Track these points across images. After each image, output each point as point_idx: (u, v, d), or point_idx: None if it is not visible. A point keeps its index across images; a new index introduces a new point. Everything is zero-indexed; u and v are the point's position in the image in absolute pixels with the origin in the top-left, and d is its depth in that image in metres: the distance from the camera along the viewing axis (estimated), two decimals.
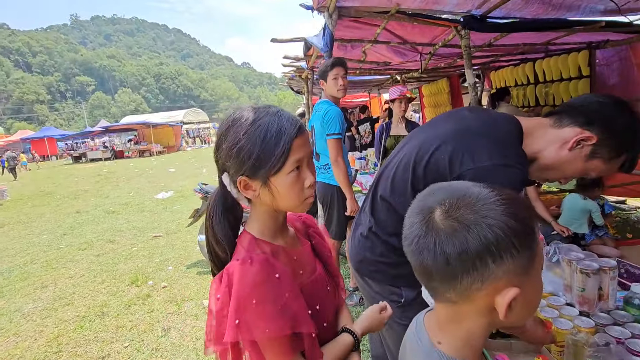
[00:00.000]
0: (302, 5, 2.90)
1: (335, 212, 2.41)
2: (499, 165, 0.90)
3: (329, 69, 2.19)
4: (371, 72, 5.71)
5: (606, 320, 1.11)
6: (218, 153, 0.72)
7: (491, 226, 0.45)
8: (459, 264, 0.46)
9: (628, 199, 4.31)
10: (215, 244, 0.75)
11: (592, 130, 0.91)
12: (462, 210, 0.47)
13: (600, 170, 0.94)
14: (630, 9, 2.93)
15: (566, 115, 0.95)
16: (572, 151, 0.93)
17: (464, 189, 0.51)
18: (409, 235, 0.52)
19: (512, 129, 0.99)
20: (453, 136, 1.00)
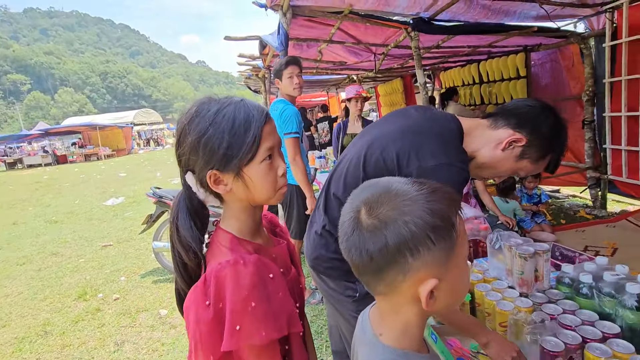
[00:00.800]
0: (255, 3, 2.87)
1: (295, 211, 2.41)
2: (442, 164, 0.95)
3: (284, 67, 2.18)
4: (328, 71, 5.77)
5: (542, 299, 1.21)
6: (181, 149, 0.66)
7: (407, 222, 0.47)
8: (381, 259, 0.49)
9: (562, 188, 4.74)
10: (184, 251, 0.68)
11: (522, 132, 0.99)
12: (382, 208, 0.50)
13: (528, 170, 1.03)
14: (558, 16, 3.24)
15: (501, 118, 1.03)
16: (505, 151, 1.01)
17: (388, 185, 0.53)
18: (341, 234, 0.54)
19: (454, 127, 1.05)
20: (400, 135, 1.04)
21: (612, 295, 1.09)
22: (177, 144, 0.67)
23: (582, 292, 1.17)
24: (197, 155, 0.65)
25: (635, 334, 1.01)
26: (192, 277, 0.70)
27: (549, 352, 0.98)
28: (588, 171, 3.89)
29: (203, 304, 0.61)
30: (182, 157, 0.67)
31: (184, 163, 0.67)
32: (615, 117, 3.43)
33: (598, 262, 1.25)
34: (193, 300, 0.63)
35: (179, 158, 0.68)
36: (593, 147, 3.84)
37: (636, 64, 3.10)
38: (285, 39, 2.75)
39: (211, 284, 0.62)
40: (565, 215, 3.91)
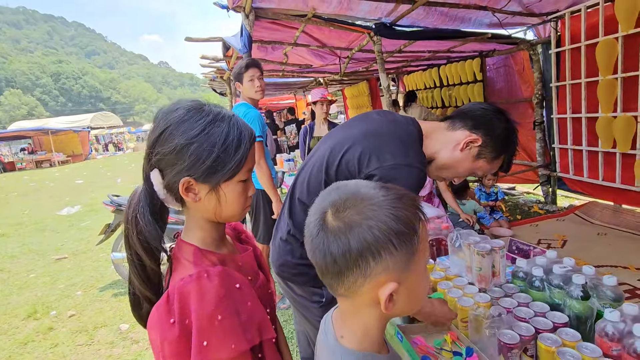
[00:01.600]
0: (217, 4, 2.80)
1: (261, 215, 2.37)
2: (401, 164, 0.97)
3: (244, 70, 2.14)
4: (294, 74, 5.76)
5: (499, 293, 1.27)
6: (160, 147, 0.63)
7: (371, 227, 0.48)
8: (343, 263, 0.49)
9: (517, 185, 5.04)
10: (145, 252, 0.64)
11: (477, 133, 1.04)
12: (348, 211, 0.50)
13: (485, 170, 1.09)
14: (509, 24, 3.44)
15: (458, 120, 1.08)
16: (463, 152, 1.06)
17: (356, 189, 0.53)
18: (307, 234, 0.55)
19: (414, 130, 1.09)
20: (362, 138, 1.06)
21: (561, 287, 1.16)
22: (155, 140, 0.64)
23: (534, 285, 1.23)
24: (178, 159, 0.63)
25: (581, 322, 1.08)
26: (152, 279, 0.67)
27: (506, 345, 1.03)
28: (539, 169, 4.16)
29: (168, 322, 0.59)
30: (157, 155, 0.64)
31: (156, 161, 0.65)
32: (561, 118, 3.70)
33: (548, 256, 1.33)
34: (157, 319, 0.60)
35: (151, 154, 0.65)
36: (543, 147, 4.11)
37: (578, 69, 3.36)
38: (249, 41, 2.71)
39: (175, 300, 0.60)
40: (520, 211, 4.15)
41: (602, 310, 1.03)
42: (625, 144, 3.06)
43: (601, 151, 3.34)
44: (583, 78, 3.32)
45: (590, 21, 3.16)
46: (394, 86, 7.08)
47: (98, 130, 28.14)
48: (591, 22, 3.15)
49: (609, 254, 2.69)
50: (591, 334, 1.03)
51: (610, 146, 3.22)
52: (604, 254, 2.69)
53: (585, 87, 3.33)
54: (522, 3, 3.02)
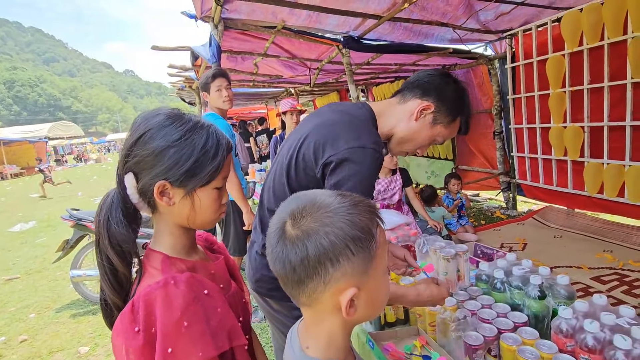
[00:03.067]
0: (185, 13, 2.77)
1: (232, 227, 2.33)
2: (354, 148, 0.96)
3: (211, 80, 2.12)
4: (265, 84, 5.76)
5: (464, 296, 1.32)
6: (138, 150, 0.63)
7: (327, 234, 0.49)
8: (302, 271, 0.50)
9: (481, 192, 5.27)
10: (117, 256, 0.63)
11: (428, 99, 1.03)
12: (305, 219, 0.51)
13: (444, 135, 1.08)
14: (469, 40, 3.64)
15: (407, 91, 1.07)
16: (419, 121, 1.04)
17: (313, 197, 0.54)
18: (267, 245, 0.55)
19: (364, 113, 1.08)
20: (313, 131, 1.04)
21: (520, 288, 1.22)
22: (134, 142, 0.64)
23: (496, 287, 1.29)
24: (156, 162, 0.63)
25: (539, 320, 1.14)
26: (123, 286, 0.66)
27: (472, 346, 1.06)
28: (500, 176, 4.39)
29: (132, 331, 0.58)
30: (134, 157, 0.64)
31: (132, 164, 0.64)
32: (518, 128, 3.94)
33: (508, 259, 1.40)
34: (121, 328, 0.59)
35: (127, 157, 0.64)
36: (503, 155, 4.35)
37: (531, 83, 3.61)
38: (218, 51, 2.69)
39: (140, 308, 0.59)
40: (484, 217, 4.34)
41: (557, 309, 1.09)
42: (575, 152, 3.30)
43: (554, 159, 3.58)
44: (536, 91, 3.57)
45: (541, 39, 3.42)
46: (363, 97, 7.26)
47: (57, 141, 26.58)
48: (541, 40, 3.41)
49: (564, 255, 2.87)
50: (548, 331, 1.09)
51: (562, 154, 3.46)
52: (560, 255, 2.87)
53: (538, 100, 3.58)
54: (480, 21, 3.22)
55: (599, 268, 2.60)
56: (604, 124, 3.01)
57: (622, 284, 2.37)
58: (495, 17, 3.15)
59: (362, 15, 2.81)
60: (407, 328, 1.37)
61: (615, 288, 2.33)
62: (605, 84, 2.92)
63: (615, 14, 2.71)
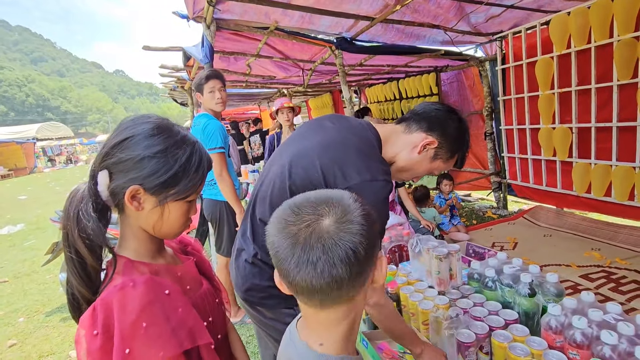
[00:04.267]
0: (176, 13, 2.76)
1: (225, 228, 2.32)
2: (367, 181, 0.97)
3: (204, 82, 2.11)
4: (258, 85, 5.75)
5: (456, 295, 1.33)
6: (120, 152, 0.64)
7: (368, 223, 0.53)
8: (364, 260, 0.51)
9: (472, 192, 5.33)
10: (87, 249, 0.63)
11: (433, 135, 1.06)
12: (348, 216, 0.52)
13: (441, 168, 1.13)
14: (460, 42, 3.69)
15: (413, 122, 1.10)
16: (421, 154, 1.08)
17: (325, 194, 0.56)
18: (287, 254, 0.50)
19: (371, 137, 1.09)
20: (321, 151, 1.03)
21: (511, 286, 1.24)
22: (115, 145, 0.65)
23: (487, 285, 1.31)
24: (134, 168, 0.64)
25: (529, 318, 1.16)
26: (92, 278, 0.66)
27: (464, 344, 1.08)
28: (491, 177, 4.45)
29: (91, 334, 0.59)
30: (113, 157, 0.65)
31: (110, 163, 0.65)
32: (508, 129, 3.99)
33: (499, 257, 1.42)
34: (80, 332, 0.61)
35: (106, 155, 0.65)
36: (494, 156, 4.40)
37: (521, 85, 3.67)
38: (210, 51, 2.69)
39: (99, 312, 0.60)
40: (476, 216, 4.39)
41: (546, 306, 1.11)
42: (563, 153, 3.36)
43: (544, 159, 3.64)
44: (525, 93, 3.63)
45: (530, 41, 3.47)
46: (356, 98, 7.28)
47: (46, 142, 26.12)
48: (530, 42, 3.47)
49: (554, 253, 2.92)
50: (538, 328, 1.11)
51: (551, 154, 3.52)
52: (550, 253, 2.92)
53: (528, 101, 3.64)
54: (471, 23, 3.27)
55: (588, 266, 2.65)
56: (591, 125, 3.07)
57: (610, 281, 2.43)
58: (486, 20, 3.19)
59: (354, 17, 2.83)
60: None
61: (602, 285, 2.38)
62: (593, 86, 2.98)
63: (602, 18, 2.77)
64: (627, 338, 0.87)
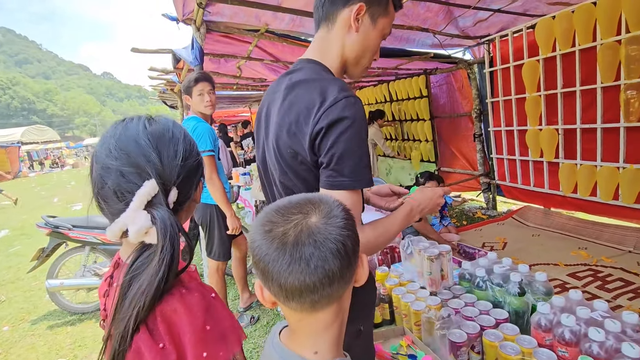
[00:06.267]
0: (166, 15, 2.74)
1: (216, 231, 2.30)
2: (332, 105, 0.80)
3: (193, 84, 2.09)
4: (249, 87, 5.73)
5: (448, 295, 1.35)
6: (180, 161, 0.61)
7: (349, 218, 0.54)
8: (351, 256, 0.52)
9: (462, 193, 5.39)
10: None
11: (355, 3, 0.89)
12: (334, 211, 0.52)
13: (389, 24, 0.95)
14: (448, 45, 3.73)
15: (328, 12, 0.92)
16: (360, 29, 0.91)
17: (305, 196, 0.56)
18: (277, 256, 0.49)
19: (311, 70, 0.91)
20: (284, 117, 0.89)
21: (501, 285, 1.26)
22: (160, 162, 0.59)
23: (478, 285, 1.33)
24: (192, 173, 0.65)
25: (519, 316, 1.18)
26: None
27: (456, 344, 1.09)
28: (481, 177, 4.51)
29: (157, 349, 0.55)
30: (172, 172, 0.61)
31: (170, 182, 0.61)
32: (497, 131, 4.06)
33: (489, 257, 1.44)
34: (140, 354, 0.55)
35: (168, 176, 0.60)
36: (483, 157, 4.47)
37: (508, 87, 3.73)
38: (200, 53, 2.67)
39: (160, 323, 0.56)
40: (466, 217, 4.44)
41: (535, 304, 1.13)
42: (550, 154, 3.43)
43: (531, 160, 3.70)
44: (513, 95, 3.69)
45: (516, 45, 3.54)
46: None
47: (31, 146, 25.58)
48: (517, 45, 3.53)
49: (542, 253, 2.97)
50: (528, 326, 1.13)
51: (538, 155, 3.58)
52: (538, 253, 2.97)
53: (515, 103, 3.71)
54: (459, 27, 3.31)
55: (575, 265, 2.70)
56: (576, 126, 3.14)
57: (596, 279, 2.47)
58: (474, 24, 3.24)
59: None
60: (393, 328, 1.39)
61: (589, 283, 2.42)
62: (577, 88, 3.05)
63: (585, 22, 2.84)
64: (613, 335, 0.89)
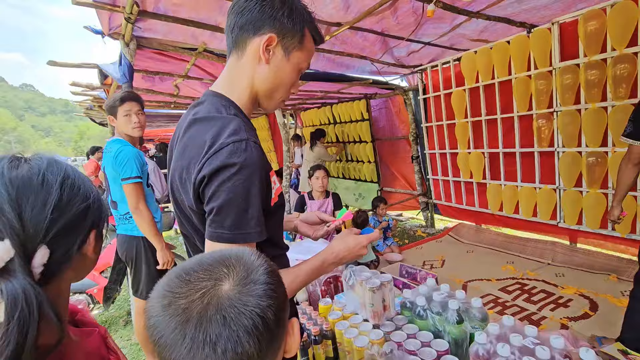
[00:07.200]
0: (88, 28, 2.50)
1: (143, 267, 2.05)
2: (215, 153, 0.74)
3: (119, 104, 1.89)
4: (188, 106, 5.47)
5: (390, 327, 1.31)
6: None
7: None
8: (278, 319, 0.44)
9: (403, 212, 5.61)
10: None
11: (264, 32, 0.81)
12: (252, 275, 0.44)
13: (305, 58, 0.88)
14: (386, 72, 3.94)
15: (238, 41, 0.84)
16: (271, 60, 0.83)
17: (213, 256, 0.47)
18: (176, 337, 0.39)
19: (211, 105, 0.83)
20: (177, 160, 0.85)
21: (440, 313, 1.26)
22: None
23: (419, 314, 1.31)
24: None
25: (459, 346, 1.18)
26: None
27: None
28: (419, 197, 4.73)
29: None
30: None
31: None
32: (432, 153, 4.32)
33: (429, 284, 1.44)
34: None
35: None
36: (421, 178, 4.71)
37: (440, 113, 4.02)
38: (129, 70, 2.46)
39: None
40: (408, 235, 4.60)
41: (473, 333, 1.14)
42: (478, 175, 3.72)
43: (462, 181, 3.98)
44: (444, 120, 3.97)
45: (446, 75, 3.85)
46: (292, 122, 7.35)
47: None
48: (446, 75, 3.84)
49: (476, 268, 3.15)
50: (467, 355, 1.13)
51: (468, 176, 3.87)
52: (473, 269, 3.14)
53: (447, 128, 3.99)
54: (394, 56, 3.51)
55: (505, 279, 2.89)
56: (499, 150, 3.45)
57: (523, 292, 2.67)
58: (407, 54, 3.46)
59: None
60: None
61: (518, 297, 2.60)
62: (498, 116, 3.37)
63: (501, 58, 3.18)
64: None
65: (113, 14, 2.21)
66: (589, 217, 2.87)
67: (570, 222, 3.02)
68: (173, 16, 2.29)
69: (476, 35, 3.04)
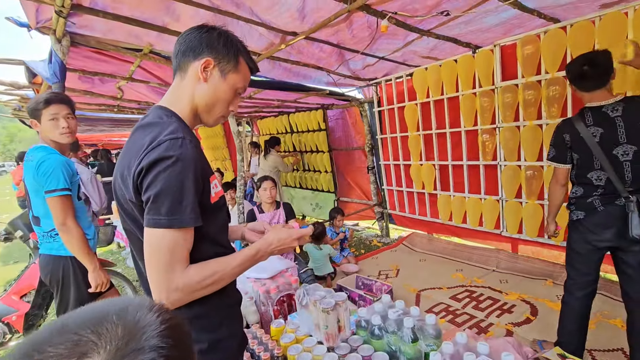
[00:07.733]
0: (11, 19, 2.21)
1: (72, 290, 1.79)
2: (150, 151, 0.83)
3: (42, 106, 1.66)
4: (133, 111, 5.10)
5: (345, 349, 1.26)
6: None
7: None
8: None
9: (360, 221, 5.67)
10: None
11: (202, 56, 0.93)
12: (136, 341, 0.33)
13: (242, 81, 0.99)
14: (342, 84, 3.97)
15: (182, 64, 0.96)
16: (209, 80, 0.94)
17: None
18: None
19: (156, 116, 0.93)
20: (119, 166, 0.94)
21: (395, 332, 1.23)
22: None
23: (375, 333, 1.28)
24: None
25: None
26: None
27: None
28: (375, 207, 4.80)
29: None
30: None
31: None
32: (386, 164, 4.42)
33: (384, 301, 1.42)
34: None
35: None
36: (376, 188, 4.79)
37: (394, 125, 4.13)
38: (61, 69, 2.21)
39: None
40: (364, 245, 4.63)
41: (428, 353, 1.12)
42: (430, 186, 3.85)
43: (415, 191, 4.11)
44: (398, 133, 4.09)
45: (399, 89, 3.97)
46: (249, 131, 7.16)
47: None
48: (399, 89, 3.97)
49: (429, 277, 3.22)
50: None
51: (420, 187, 3.99)
52: (426, 278, 3.21)
53: (400, 140, 4.11)
54: (350, 69, 3.55)
55: (455, 287, 2.99)
56: (448, 162, 3.61)
57: (472, 299, 2.77)
58: (363, 67, 3.51)
59: None
60: None
61: (467, 305, 2.69)
62: (447, 130, 3.53)
63: (449, 75, 3.35)
64: None
65: (41, 6, 1.97)
66: (528, 226, 3.07)
67: (512, 231, 3.22)
68: (113, 13, 2.10)
69: (427, 52, 3.17)
